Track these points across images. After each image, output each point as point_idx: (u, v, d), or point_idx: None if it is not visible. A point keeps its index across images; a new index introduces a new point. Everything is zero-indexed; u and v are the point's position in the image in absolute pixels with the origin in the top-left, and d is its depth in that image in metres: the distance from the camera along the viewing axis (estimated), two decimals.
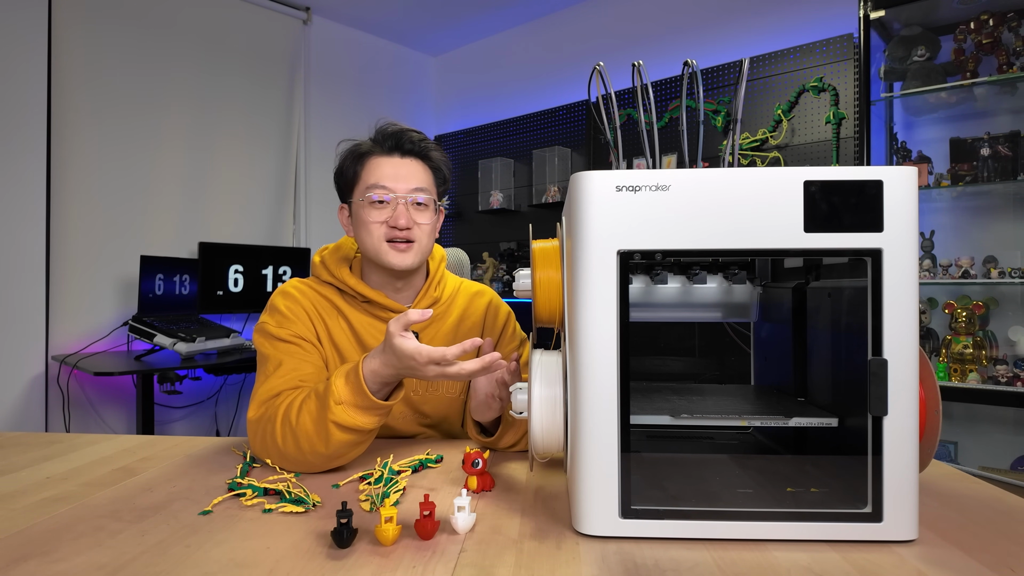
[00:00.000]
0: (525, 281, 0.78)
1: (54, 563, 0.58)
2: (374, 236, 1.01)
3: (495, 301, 1.19)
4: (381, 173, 1.02)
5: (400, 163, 1.03)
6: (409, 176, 1.03)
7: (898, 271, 0.60)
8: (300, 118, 3.51)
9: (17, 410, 2.51)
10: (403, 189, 1.02)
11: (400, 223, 1.00)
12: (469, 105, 4.15)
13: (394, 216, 1.01)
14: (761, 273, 0.88)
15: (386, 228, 1.01)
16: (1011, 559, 0.58)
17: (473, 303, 1.16)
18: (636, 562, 0.58)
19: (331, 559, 0.58)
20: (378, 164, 1.03)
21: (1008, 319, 2.22)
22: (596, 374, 0.62)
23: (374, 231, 1.01)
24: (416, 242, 1.03)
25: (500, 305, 1.19)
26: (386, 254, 1.01)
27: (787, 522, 0.62)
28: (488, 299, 1.18)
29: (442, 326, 1.12)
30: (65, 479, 0.82)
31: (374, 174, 1.02)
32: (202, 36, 3.08)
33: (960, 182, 2.23)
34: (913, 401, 0.61)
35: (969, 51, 2.23)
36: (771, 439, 0.88)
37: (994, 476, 2.12)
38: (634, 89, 0.73)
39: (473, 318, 1.15)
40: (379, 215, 1.01)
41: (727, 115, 2.86)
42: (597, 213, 0.62)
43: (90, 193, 2.69)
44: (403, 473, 0.83)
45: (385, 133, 1.05)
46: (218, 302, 2.83)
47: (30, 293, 2.52)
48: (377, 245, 1.01)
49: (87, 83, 2.69)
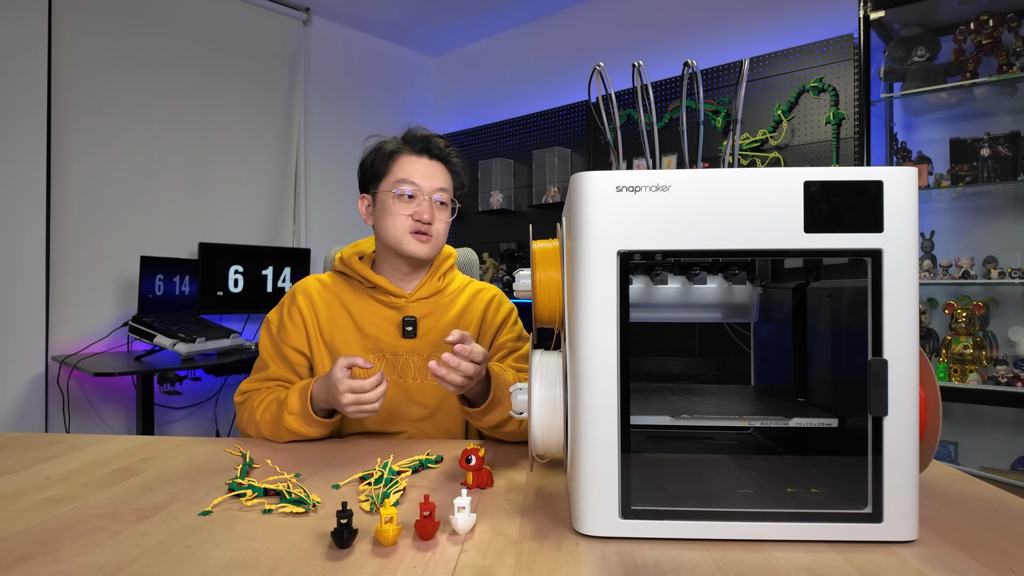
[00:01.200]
0: (525, 281, 0.78)
1: (54, 563, 0.57)
2: (399, 226, 1.11)
3: (498, 297, 1.24)
4: (411, 170, 1.12)
5: (428, 164, 1.14)
6: (435, 176, 1.14)
7: (898, 271, 0.60)
8: (300, 118, 3.51)
9: (17, 410, 2.51)
10: (429, 188, 1.12)
11: (424, 217, 1.11)
12: (469, 105, 4.15)
13: (419, 211, 1.11)
14: (761, 273, 0.88)
15: (411, 220, 1.11)
16: (1011, 559, 0.58)
17: (476, 299, 1.21)
18: (636, 562, 0.58)
19: (331, 559, 0.58)
20: (409, 162, 1.13)
21: (1008, 319, 2.22)
22: (596, 374, 0.62)
23: (400, 222, 1.11)
24: (435, 236, 1.13)
25: (503, 302, 1.24)
26: (409, 243, 1.11)
27: (787, 522, 0.62)
28: (492, 294, 1.23)
29: (442, 317, 1.16)
30: (65, 480, 0.82)
31: (404, 170, 1.12)
32: (202, 36, 3.08)
33: (960, 182, 2.23)
34: (913, 401, 0.61)
35: (969, 51, 2.23)
36: (771, 439, 0.88)
37: (994, 476, 2.12)
38: (634, 89, 0.73)
39: (473, 313, 1.19)
40: (406, 208, 1.11)
41: (727, 115, 2.86)
42: (597, 213, 0.62)
43: (90, 193, 2.70)
44: (403, 473, 0.83)
45: (416, 136, 1.15)
46: (218, 303, 2.83)
47: (30, 293, 2.52)
48: (400, 235, 1.11)
49: (87, 83, 2.69)
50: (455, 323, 1.16)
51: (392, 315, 1.15)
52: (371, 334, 1.13)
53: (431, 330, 1.15)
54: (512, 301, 1.19)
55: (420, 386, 1.12)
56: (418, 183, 1.11)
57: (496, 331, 1.19)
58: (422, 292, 1.16)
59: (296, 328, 1.14)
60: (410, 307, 1.15)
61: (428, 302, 1.17)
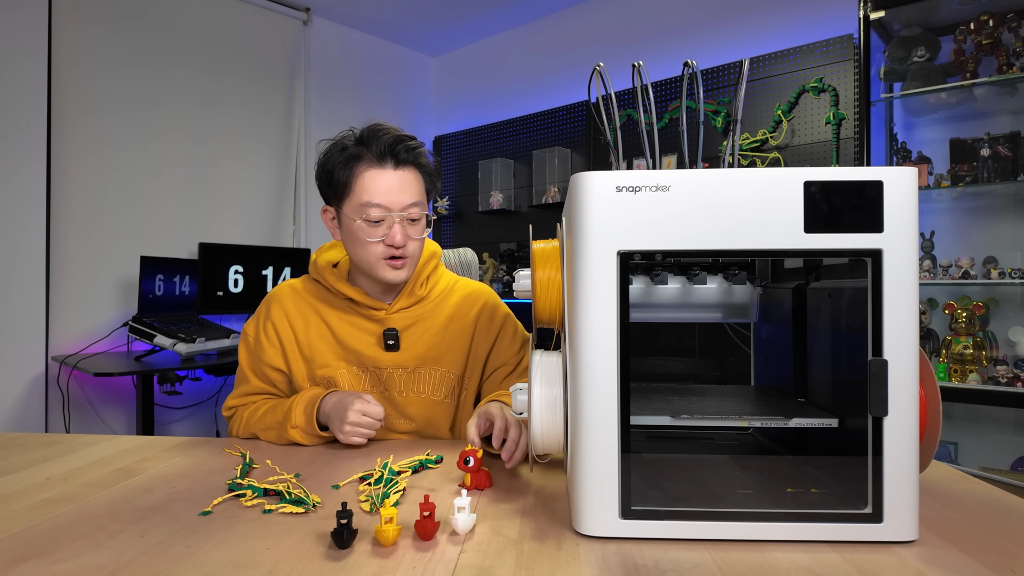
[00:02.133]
0: (525, 282, 0.78)
1: (54, 564, 0.57)
2: (371, 254, 1.02)
3: (490, 303, 1.15)
4: (376, 189, 0.99)
5: (394, 176, 1.00)
6: (403, 190, 1.01)
7: (898, 271, 0.60)
8: (300, 118, 3.51)
9: (17, 410, 2.51)
10: (399, 206, 1.00)
11: (397, 241, 1.00)
12: (469, 105, 4.15)
13: (391, 235, 1.00)
14: (761, 274, 0.88)
15: (382, 246, 1.01)
16: (1011, 559, 0.58)
17: (465, 306, 1.13)
18: (636, 563, 0.58)
19: (331, 560, 0.58)
20: (372, 178, 0.99)
21: (1008, 320, 2.22)
22: (596, 374, 0.62)
23: (371, 249, 1.01)
24: (410, 257, 1.05)
25: (496, 307, 1.15)
26: (383, 270, 1.03)
27: (787, 523, 0.62)
28: (482, 303, 1.14)
29: (429, 326, 1.10)
30: (65, 480, 0.82)
31: (368, 190, 0.99)
32: (202, 36, 3.08)
33: (960, 183, 2.23)
34: (913, 402, 0.61)
35: (969, 52, 2.23)
36: (771, 440, 0.88)
37: (994, 477, 2.12)
38: (634, 90, 0.73)
39: (463, 321, 1.12)
40: (375, 233, 1.01)
41: (727, 116, 2.86)
42: (597, 213, 0.62)
43: (90, 193, 2.69)
44: (403, 474, 0.83)
45: (378, 139, 1.00)
46: (218, 303, 2.83)
47: (30, 293, 2.52)
48: (374, 262, 1.02)
49: (87, 83, 2.69)
50: (442, 333, 1.10)
51: (372, 327, 1.08)
52: (352, 347, 1.08)
53: (416, 342, 1.08)
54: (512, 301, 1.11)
55: (406, 400, 1.08)
56: (384, 204, 0.99)
57: (493, 344, 1.13)
58: (401, 303, 1.09)
59: (272, 346, 1.09)
60: (391, 319, 1.08)
61: (409, 312, 1.10)
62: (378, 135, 1.01)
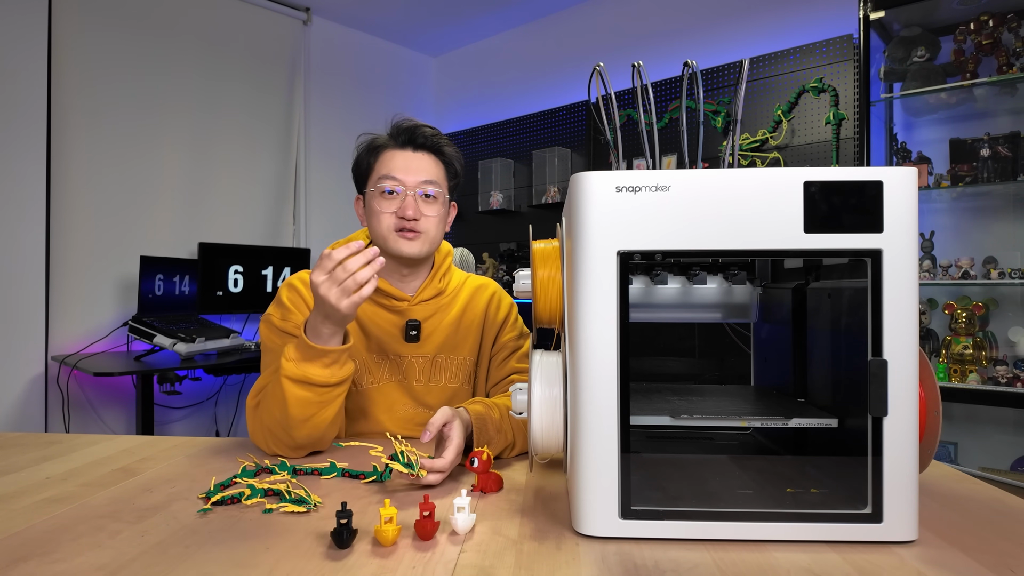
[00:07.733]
0: (525, 282, 0.78)
1: (54, 563, 0.57)
2: (383, 225, 1.06)
3: (498, 294, 1.22)
4: (392, 165, 1.06)
5: (412, 156, 1.08)
6: (419, 169, 1.07)
7: (898, 272, 0.60)
8: (300, 118, 3.51)
9: (17, 410, 2.51)
10: (412, 181, 1.06)
11: (408, 213, 1.04)
12: (469, 105, 4.15)
13: (402, 207, 1.05)
14: (761, 274, 0.88)
15: (395, 218, 1.06)
16: (1011, 560, 0.58)
17: (476, 297, 1.19)
18: (636, 563, 0.58)
19: (331, 559, 0.58)
20: (391, 157, 1.07)
21: (1008, 320, 2.22)
22: (596, 374, 0.62)
23: (384, 220, 1.06)
24: (424, 232, 1.07)
25: (503, 298, 1.22)
26: (395, 242, 1.06)
27: (787, 523, 0.62)
28: (491, 292, 1.21)
29: (445, 317, 1.14)
30: (65, 479, 0.82)
31: (386, 166, 1.07)
32: (202, 37, 3.08)
33: (960, 183, 2.23)
34: (913, 402, 0.61)
35: (969, 52, 2.23)
36: (771, 440, 0.88)
37: (994, 477, 2.12)
38: (634, 89, 0.73)
39: (475, 311, 1.17)
40: (389, 205, 1.06)
41: (727, 116, 2.86)
42: (597, 213, 0.62)
43: (90, 193, 2.69)
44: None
45: (400, 128, 1.09)
46: (218, 302, 2.83)
47: (30, 293, 2.52)
48: (386, 234, 1.06)
49: (87, 84, 2.69)
50: (457, 323, 1.14)
51: (394, 319, 1.11)
52: (374, 335, 1.09)
53: (434, 332, 1.12)
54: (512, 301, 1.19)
55: (425, 388, 1.11)
56: (399, 177, 1.05)
57: (499, 330, 1.18)
58: (425, 294, 1.12)
59: (300, 313, 1.05)
60: (413, 310, 1.11)
61: (430, 304, 1.13)
62: (400, 125, 1.10)
